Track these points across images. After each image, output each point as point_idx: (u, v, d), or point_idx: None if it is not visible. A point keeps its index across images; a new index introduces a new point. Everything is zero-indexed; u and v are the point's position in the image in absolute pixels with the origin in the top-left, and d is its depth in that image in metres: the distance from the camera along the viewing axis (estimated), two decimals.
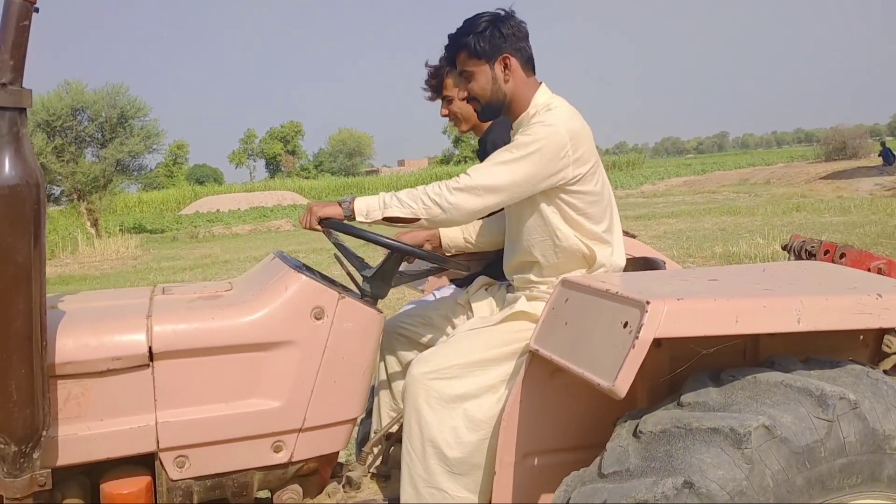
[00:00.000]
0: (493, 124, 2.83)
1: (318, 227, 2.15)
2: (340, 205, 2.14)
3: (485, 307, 2.44)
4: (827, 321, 1.64)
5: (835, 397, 1.54)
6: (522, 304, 2.18)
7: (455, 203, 2.06)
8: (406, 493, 2.08)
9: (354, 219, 2.12)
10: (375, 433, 2.45)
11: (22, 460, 1.68)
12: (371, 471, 2.36)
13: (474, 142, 3.15)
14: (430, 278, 2.80)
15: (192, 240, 23.85)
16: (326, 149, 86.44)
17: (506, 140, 2.64)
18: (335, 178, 54.53)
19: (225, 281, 2.28)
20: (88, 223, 22.92)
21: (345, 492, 2.22)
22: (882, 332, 2.03)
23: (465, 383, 2.07)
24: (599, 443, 1.80)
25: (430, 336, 2.50)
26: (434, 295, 2.82)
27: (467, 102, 2.40)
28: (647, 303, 1.57)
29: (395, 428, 2.38)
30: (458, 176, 2.11)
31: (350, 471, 2.29)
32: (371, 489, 2.30)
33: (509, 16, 2.24)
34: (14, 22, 1.55)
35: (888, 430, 1.57)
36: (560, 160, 2.11)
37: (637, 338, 1.55)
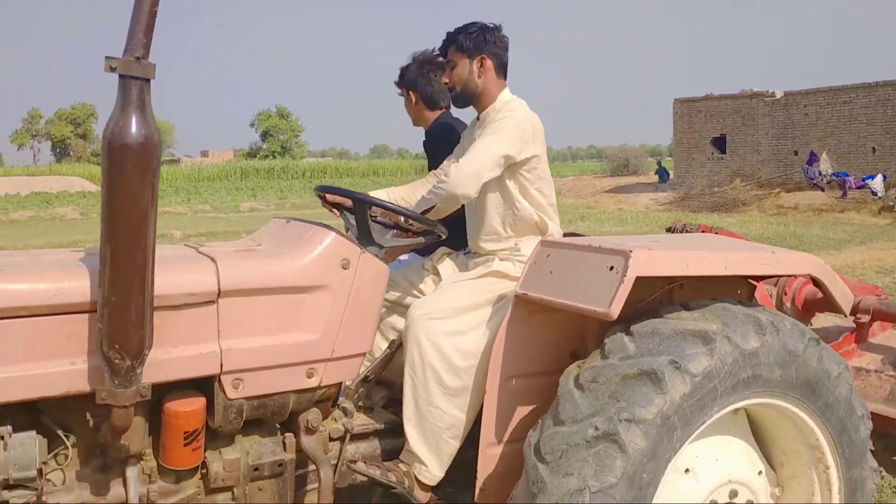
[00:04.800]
0: (435, 121, 3.38)
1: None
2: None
3: (448, 269, 2.95)
4: (743, 268, 2.35)
5: (714, 333, 2.20)
6: (497, 264, 2.73)
7: (453, 187, 2.61)
8: (408, 410, 2.54)
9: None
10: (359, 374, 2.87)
11: (131, 374, 1.97)
12: (358, 403, 2.78)
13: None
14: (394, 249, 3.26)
15: None
16: None
17: (444, 131, 3.23)
18: None
19: (249, 239, 2.62)
20: None
21: (345, 417, 2.63)
22: (753, 286, 2.79)
23: (455, 323, 2.58)
24: (560, 369, 2.38)
25: (397, 295, 2.97)
26: (399, 262, 3.28)
27: (448, 88, 2.92)
28: (630, 251, 2.18)
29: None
30: (448, 167, 2.65)
31: (343, 403, 2.70)
32: (361, 418, 2.73)
33: (496, 28, 2.81)
34: (148, 6, 1.86)
35: (751, 348, 2.24)
36: (523, 139, 2.70)
37: (625, 276, 2.15)
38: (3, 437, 2.00)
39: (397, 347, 2.82)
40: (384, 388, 2.93)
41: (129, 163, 1.85)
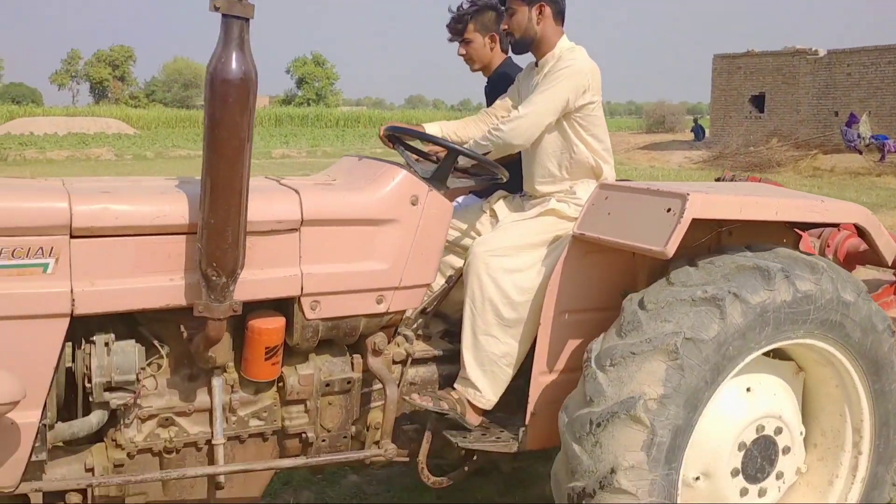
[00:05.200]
0: (499, 68, 3.48)
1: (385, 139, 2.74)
2: None
3: (505, 211, 3.10)
4: (794, 214, 2.48)
5: (774, 270, 2.36)
6: (554, 204, 2.87)
7: (511, 137, 2.78)
8: (466, 338, 2.72)
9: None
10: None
11: (225, 290, 2.17)
12: (417, 332, 2.95)
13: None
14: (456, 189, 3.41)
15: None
16: (160, 77, 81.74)
17: (509, 80, 3.32)
18: (167, 109, 51.78)
19: (324, 174, 2.78)
20: None
21: (407, 343, 2.81)
22: (798, 237, 2.91)
23: (514, 260, 2.74)
24: (613, 306, 2.54)
25: (455, 235, 3.12)
26: (458, 203, 3.43)
27: (507, 35, 3.03)
28: (688, 194, 2.31)
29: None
30: (507, 114, 2.78)
31: (404, 331, 2.88)
32: (420, 345, 2.90)
33: None
34: None
35: (810, 291, 2.40)
36: (582, 85, 2.83)
37: (682, 217, 2.28)
38: (107, 344, 2.21)
39: (454, 283, 2.98)
40: (440, 320, 3.10)
41: (230, 96, 2.01)
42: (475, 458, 2.89)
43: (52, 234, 2.07)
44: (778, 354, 2.65)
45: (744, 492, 2.58)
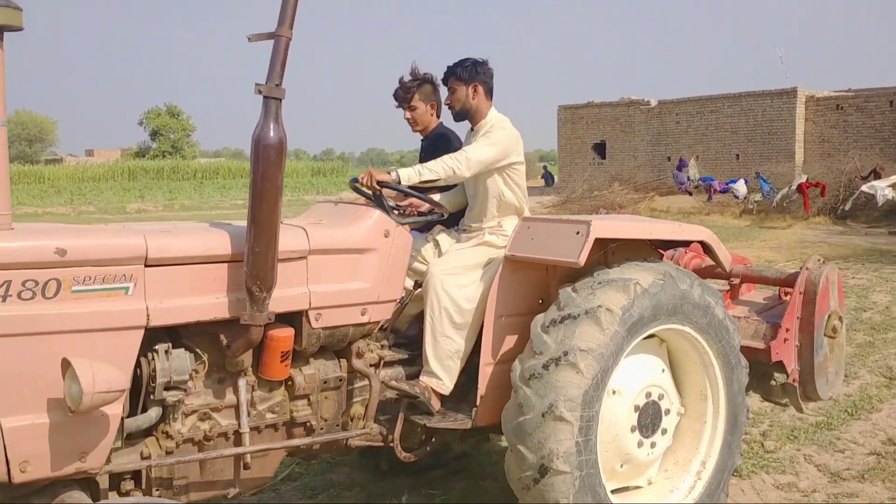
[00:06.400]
0: (435, 129, 4.32)
1: (377, 187, 3.48)
2: (390, 173, 3.51)
3: (445, 241, 3.90)
4: (662, 234, 3.47)
5: (633, 280, 3.27)
6: (486, 236, 3.73)
7: (461, 168, 3.56)
8: (427, 339, 3.47)
9: (401, 182, 3.49)
10: None
11: (265, 304, 2.83)
12: (381, 342, 3.65)
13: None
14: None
15: None
16: None
17: (444, 139, 4.19)
18: (10, 165, 48.80)
19: (311, 216, 3.47)
20: None
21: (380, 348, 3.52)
22: (660, 255, 3.89)
23: (461, 278, 3.54)
24: (533, 311, 3.40)
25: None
26: None
27: (449, 108, 3.88)
28: (591, 221, 3.22)
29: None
30: (459, 153, 3.59)
31: (377, 338, 3.56)
32: (387, 352, 3.60)
33: (484, 63, 3.80)
34: (283, 46, 2.74)
35: (667, 299, 3.33)
36: (513, 147, 3.73)
37: (588, 237, 3.18)
38: (166, 351, 2.81)
39: (408, 300, 3.74)
40: (394, 333, 3.84)
41: (270, 157, 2.73)
42: (433, 439, 3.64)
43: (132, 264, 2.69)
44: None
45: (640, 444, 3.47)
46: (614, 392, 3.34)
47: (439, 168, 3.55)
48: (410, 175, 3.52)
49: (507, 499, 3.55)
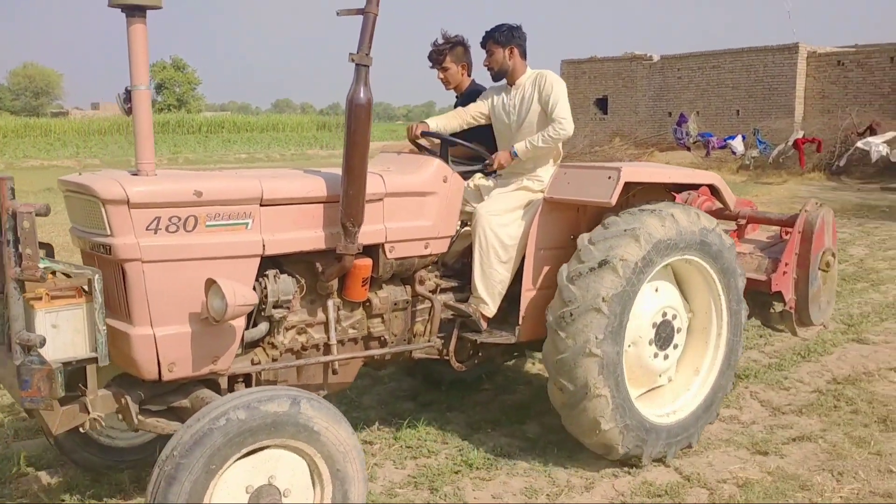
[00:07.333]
0: (468, 88, 4.87)
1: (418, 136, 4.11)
2: (509, 152, 4.21)
3: (486, 184, 4.50)
4: (679, 178, 4.08)
5: (667, 213, 3.89)
6: (525, 181, 4.32)
7: (565, 130, 4.18)
8: (476, 270, 4.09)
9: (519, 157, 4.20)
10: None
11: (356, 237, 3.43)
12: (436, 272, 4.28)
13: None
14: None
15: None
16: (6, 84, 77.40)
17: (477, 95, 4.74)
18: (16, 118, 48.92)
19: (379, 165, 4.05)
20: None
21: (436, 277, 4.14)
22: (673, 197, 4.50)
23: (504, 218, 4.15)
24: (567, 245, 4.02)
25: None
26: None
27: (488, 69, 4.43)
28: (621, 167, 3.82)
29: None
30: (555, 123, 4.17)
31: (434, 269, 4.19)
32: (442, 280, 4.24)
33: (518, 28, 4.37)
34: (372, 20, 3.29)
35: (671, 233, 3.96)
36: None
37: (619, 180, 3.79)
38: (275, 276, 3.43)
39: (456, 237, 4.35)
40: (443, 265, 4.46)
41: (361, 115, 3.31)
42: (480, 353, 4.30)
43: (251, 203, 3.28)
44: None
45: (655, 355, 4.12)
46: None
47: (547, 138, 4.18)
48: (525, 150, 4.20)
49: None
